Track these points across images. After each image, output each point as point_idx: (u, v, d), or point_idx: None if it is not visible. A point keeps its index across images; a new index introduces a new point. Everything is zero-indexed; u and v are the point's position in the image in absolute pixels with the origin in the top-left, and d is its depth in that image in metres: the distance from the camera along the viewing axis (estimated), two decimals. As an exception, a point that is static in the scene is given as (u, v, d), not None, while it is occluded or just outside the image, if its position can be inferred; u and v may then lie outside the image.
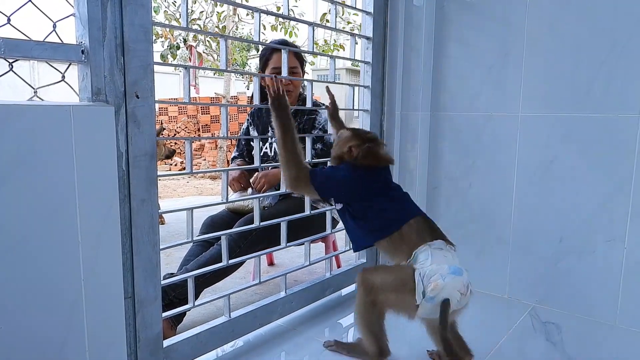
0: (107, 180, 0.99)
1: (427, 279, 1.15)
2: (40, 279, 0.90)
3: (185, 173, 1.20)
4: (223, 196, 1.33)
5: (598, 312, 1.58)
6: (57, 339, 0.94)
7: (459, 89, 1.83)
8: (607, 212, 1.54)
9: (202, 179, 8.01)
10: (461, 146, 1.84)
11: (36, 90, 1.00)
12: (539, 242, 1.68)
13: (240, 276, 2.15)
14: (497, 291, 1.79)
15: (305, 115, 1.92)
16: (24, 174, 0.86)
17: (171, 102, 1.25)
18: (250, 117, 2.09)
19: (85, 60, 0.96)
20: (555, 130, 1.62)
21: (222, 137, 1.32)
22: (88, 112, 0.94)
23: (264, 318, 1.48)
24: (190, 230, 1.24)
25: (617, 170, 1.52)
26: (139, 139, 1.05)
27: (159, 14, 7.78)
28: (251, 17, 8.47)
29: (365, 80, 1.81)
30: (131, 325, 1.09)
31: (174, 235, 3.09)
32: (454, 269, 1.17)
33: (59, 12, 1.01)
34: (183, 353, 1.24)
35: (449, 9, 1.81)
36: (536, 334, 1.50)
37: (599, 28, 1.52)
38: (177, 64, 9.29)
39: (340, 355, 1.35)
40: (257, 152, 1.43)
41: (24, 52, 0.88)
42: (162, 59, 7.77)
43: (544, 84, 1.64)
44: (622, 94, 1.49)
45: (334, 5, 1.61)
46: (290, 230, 1.53)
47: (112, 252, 1.01)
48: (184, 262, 1.73)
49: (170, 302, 1.51)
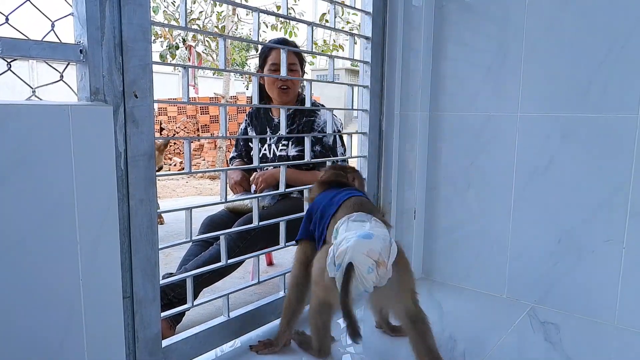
0: (106, 180, 0.99)
1: (336, 247, 1.07)
2: (39, 279, 0.90)
3: (184, 173, 1.20)
4: (222, 196, 1.33)
5: (597, 312, 1.58)
6: (56, 339, 0.93)
7: (458, 89, 1.83)
8: (606, 212, 1.54)
9: (201, 179, 8.01)
10: (460, 146, 1.84)
11: (34, 90, 1.00)
12: (537, 242, 1.69)
13: (239, 276, 2.14)
14: (495, 291, 1.79)
15: (305, 116, 1.92)
16: (22, 173, 0.86)
17: (170, 101, 1.25)
18: (248, 118, 2.08)
19: (84, 60, 0.96)
20: (554, 131, 1.62)
21: (221, 137, 1.32)
22: (86, 112, 0.94)
23: (263, 318, 1.48)
24: (189, 230, 1.24)
25: (615, 170, 1.52)
26: (138, 138, 1.05)
27: (158, 13, 7.77)
28: (250, 17, 8.47)
29: (365, 80, 1.81)
30: (130, 325, 1.09)
31: (173, 235, 3.09)
32: (364, 234, 1.08)
33: (58, 12, 1.00)
34: (182, 353, 1.24)
35: (448, 9, 1.81)
36: (535, 334, 1.50)
37: (597, 28, 1.52)
38: (176, 63, 9.28)
39: (339, 357, 1.35)
40: (255, 152, 1.43)
41: (22, 51, 0.88)
42: (162, 58, 7.77)
43: (542, 84, 1.64)
44: (621, 94, 1.49)
45: (333, 5, 1.61)
46: (289, 230, 1.53)
47: (110, 252, 1.01)
48: (183, 261, 1.73)
49: (169, 302, 1.51)
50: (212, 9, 8.60)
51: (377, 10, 1.78)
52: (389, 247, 1.08)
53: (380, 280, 1.07)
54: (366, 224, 1.14)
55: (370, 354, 1.37)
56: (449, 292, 1.83)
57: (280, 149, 1.94)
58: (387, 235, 1.12)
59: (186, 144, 1.21)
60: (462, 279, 1.88)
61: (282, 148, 1.94)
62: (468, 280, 1.87)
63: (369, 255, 1.04)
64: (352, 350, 1.40)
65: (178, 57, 8.78)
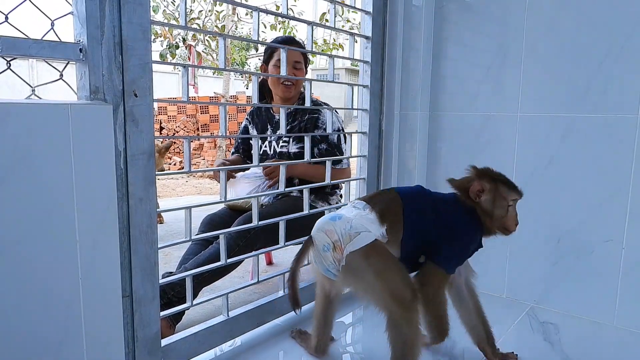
0: (105, 179, 0.99)
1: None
2: (38, 278, 0.90)
3: (184, 172, 1.20)
4: (222, 195, 1.33)
5: (596, 312, 1.58)
6: (55, 338, 0.93)
7: (457, 89, 1.83)
8: (606, 213, 1.55)
9: (200, 178, 8.02)
10: (460, 146, 1.84)
11: (34, 89, 1.00)
12: (537, 242, 1.69)
13: (239, 275, 2.14)
14: (495, 291, 1.79)
15: (307, 114, 1.92)
16: (22, 172, 0.86)
17: (170, 101, 1.25)
18: (249, 116, 2.09)
19: (84, 59, 0.96)
20: (553, 131, 1.62)
21: (221, 136, 1.32)
22: (86, 111, 0.94)
23: (263, 317, 1.48)
24: (189, 229, 1.24)
25: (615, 170, 1.52)
26: (137, 137, 1.05)
27: (158, 13, 7.78)
28: (250, 16, 8.47)
29: (364, 79, 1.81)
30: (129, 324, 1.09)
31: (173, 235, 3.09)
32: (334, 215, 1.16)
33: (57, 11, 1.00)
34: (181, 352, 1.24)
35: (448, 9, 1.81)
36: (534, 334, 1.50)
37: (597, 28, 1.52)
38: (176, 63, 9.29)
39: (339, 357, 1.35)
40: (256, 150, 1.43)
41: (22, 50, 0.88)
42: (161, 58, 7.78)
43: (542, 84, 1.64)
44: (621, 94, 1.49)
45: (333, 5, 1.61)
46: (288, 229, 1.53)
47: (109, 251, 1.01)
48: (183, 261, 1.73)
49: (168, 301, 1.51)
50: (211, 9, 8.60)
51: (377, 9, 1.78)
52: (351, 235, 1.10)
53: (336, 265, 1.11)
54: (356, 210, 1.16)
55: (371, 353, 1.37)
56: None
57: (281, 146, 1.95)
58: (360, 225, 1.11)
59: (186, 143, 1.21)
60: (462, 279, 1.88)
61: (283, 145, 1.94)
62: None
63: (327, 235, 1.12)
64: (352, 350, 1.40)
65: (178, 56, 8.78)
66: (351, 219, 1.13)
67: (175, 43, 8.06)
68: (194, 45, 8.53)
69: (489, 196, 1.20)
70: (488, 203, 1.21)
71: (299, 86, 1.97)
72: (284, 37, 2.05)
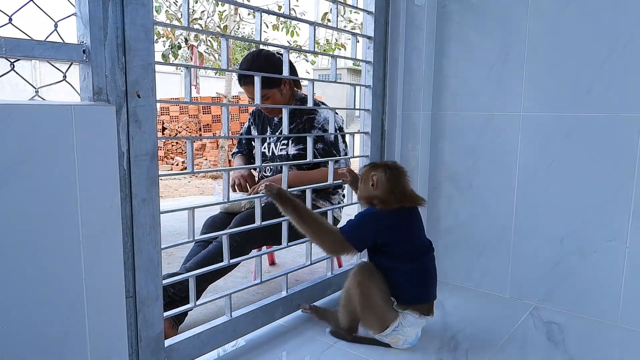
0: (109, 180, 0.99)
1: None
2: (42, 278, 0.90)
3: (187, 173, 1.21)
4: (224, 195, 1.33)
5: (600, 311, 1.58)
6: (59, 339, 0.94)
7: (460, 89, 1.82)
8: (609, 212, 1.54)
9: (203, 178, 8.02)
10: (462, 146, 1.84)
11: (37, 90, 1.00)
12: (540, 241, 1.68)
13: (242, 276, 2.15)
14: (498, 291, 1.79)
15: (304, 114, 1.92)
16: (25, 173, 0.86)
17: (172, 101, 1.25)
18: (251, 116, 2.09)
19: (87, 60, 0.96)
20: (556, 130, 1.62)
21: (223, 136, 1.32)
22: (89, 112, 0.94)
23: (266, 317, 1.48)
24: (192, 229, 1.24)
25: (618, 169, 1.51)
26: (140, 138, 1.05)
27: (161, 13, 7.78)
28: (252, 16, 8.48)
29: (367, 79, 1.81)
30: (132, 325, 1.09)
31: (176, 235, 3.09)
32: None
33: (60, 12, 1.01)
34: (184, 352, 1.24)
35: (450, 9, 1.81)
36: (538, 334, 1.50)
37: (600, 28, 1.51)
38: (179, 63, 9.30)
39: (342, 357, 1.35)
40: (258, 151, 1.43)
41: (26, 51, 0.88)
42: (164, 58, 7.78)
43: (545, 84, 1.63)
44: (623, 93, 1.49)
45: (336, 5, 1.61)
46: (290, 229, 1.53)
47: (113, 252, 1.01)
48: (185, 261, 1.73)
49: (170, 299, 1.51)
50: (214, 9, 8.61)
51: (380, 9, 1.78)
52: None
53: None
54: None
55: (371, 353, 1.37)
56: (451, 291, 1.83)
57: (280, 148, 1.94)
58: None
59: (188, 144, 1.22)
60: (465, 279, 1.88)
61: (282, 147, 1.94)
62: (470, 280, 1.87)
63: None
64: (352, 350, 1.40)
65: (180, 56, 8.79)
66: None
67: (178, 43, 8.06)
68: (196, 46, 8.53)
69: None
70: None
71: (283, 100, 1.89)
72: (246, 57, 1.86)
